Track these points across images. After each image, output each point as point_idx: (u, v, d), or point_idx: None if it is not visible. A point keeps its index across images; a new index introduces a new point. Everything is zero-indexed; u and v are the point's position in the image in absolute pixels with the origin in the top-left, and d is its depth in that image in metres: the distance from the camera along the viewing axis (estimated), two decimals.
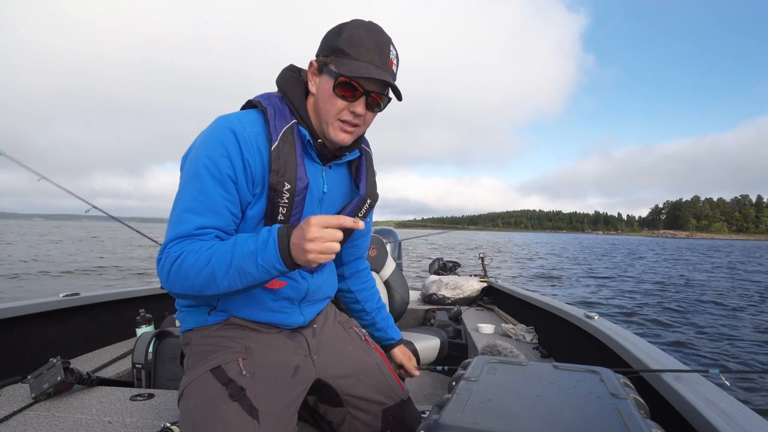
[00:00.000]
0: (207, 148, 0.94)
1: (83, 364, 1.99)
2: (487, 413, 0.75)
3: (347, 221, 0.82)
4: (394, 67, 0.98)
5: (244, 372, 0.96)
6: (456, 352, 2.75)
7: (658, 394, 1.23)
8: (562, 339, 2.32)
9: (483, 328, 2.77)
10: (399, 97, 1.01)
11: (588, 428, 0.70)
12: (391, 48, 0.98)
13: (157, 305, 2.59)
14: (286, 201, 0.97)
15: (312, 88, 1.02)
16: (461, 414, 0.74)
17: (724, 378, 1.24)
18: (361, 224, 0.84)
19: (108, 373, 1.89)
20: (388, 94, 1.00)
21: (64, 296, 2.08)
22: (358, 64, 0.93)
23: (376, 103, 1.00)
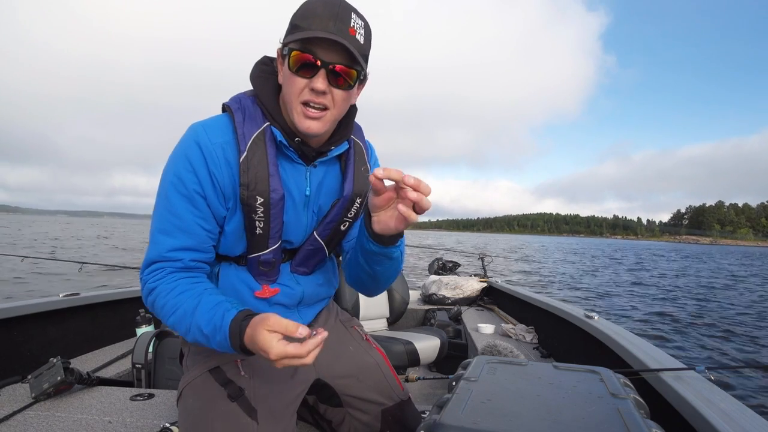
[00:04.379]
0: (173, 163, 0.90)
1: (83, 364, 1.99)
2: (487, 413, 0.75)
3: (296, 332, 0.72)
4: (358, 36, 0.86)
5: (242, 372, 0.96)
6: (456, 352, 2.75)
7: (658, 394, 1.23)
8: (562, 339, 2.32)
9: (483, 328, 2.77)
10: (357, 63, 0.86)
11: (588, 428, 0.70)
12: (354, 16, 0.86)
13: None
14: (262, 215, 0.92)
15: (281, 78, 0.92)
16: (461, 414, 0.74)
17: (725, 375, 1.24)
18: (308, 337, 0.74)
19: (108, 373, 1.89)
20: (358, 67, 0.88)
21: (64, 296, 2.08)
22: (307, 32, 0.83)
23: (342, 79, 0.87)
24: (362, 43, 0.87)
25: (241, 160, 0.89)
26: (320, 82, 0.85)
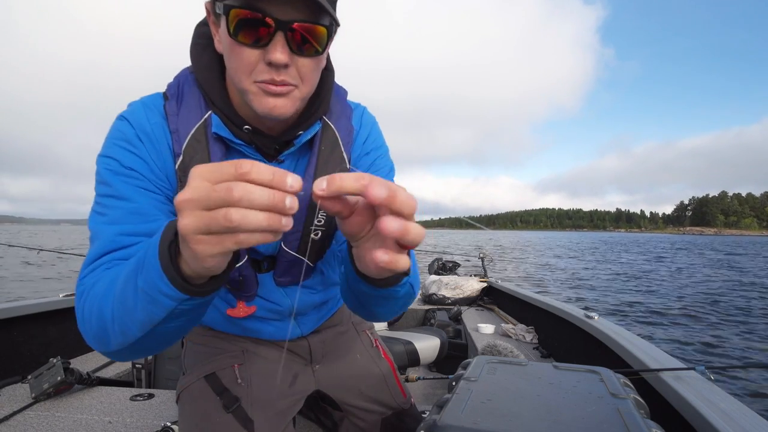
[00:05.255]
0: (105, 146, 0.72)
1: (83, 364, 1.99)
2: (487, 413, 0.75)
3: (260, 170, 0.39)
4: None
5: (239, 380, 0.91)
6: (456, 352, 2.75)
7: (658, 394, 1.23)
8: (562, 339, 2.32)
9: (483, 328, 2.78)
10: (326, 14, 0.62)
11: (588, 428, 0.70)
12: None
13: None
14: None
15: (218, 46, 0.70)
16: (461, 414, 0.74)
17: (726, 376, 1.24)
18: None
19: (108, 373, 1.89)
20: (328, 20, 0.64)
21: (64, 296, 2.08)
22: None
23: (308, 43, 0.63)
24: None
25: (177, 165, 0.71)
26: (279, 51, 0.61)
